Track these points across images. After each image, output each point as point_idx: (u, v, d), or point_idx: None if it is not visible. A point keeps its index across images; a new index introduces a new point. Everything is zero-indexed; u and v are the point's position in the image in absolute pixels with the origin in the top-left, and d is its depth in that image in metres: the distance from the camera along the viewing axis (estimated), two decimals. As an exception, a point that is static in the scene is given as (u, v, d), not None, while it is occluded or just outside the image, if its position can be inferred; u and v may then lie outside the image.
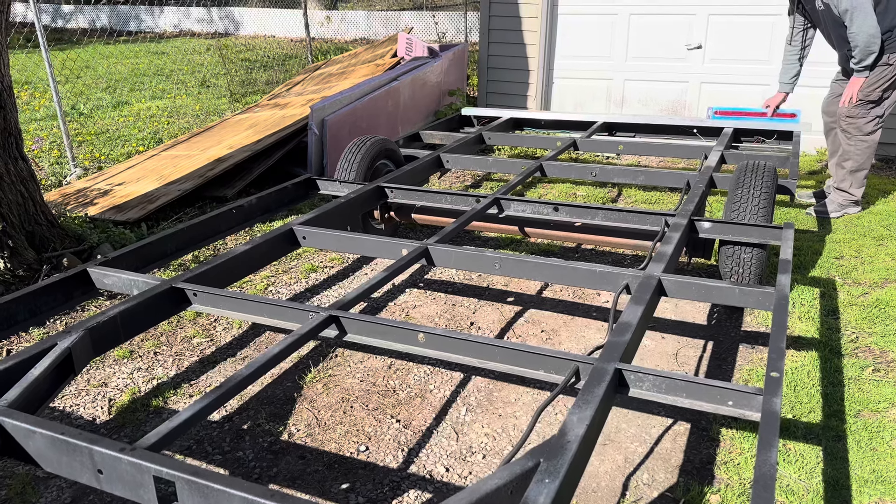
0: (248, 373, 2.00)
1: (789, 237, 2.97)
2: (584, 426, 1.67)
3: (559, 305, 3.65)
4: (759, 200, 3.33)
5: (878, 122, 4.64)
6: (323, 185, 4.04)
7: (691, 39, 6.85)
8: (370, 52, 8.06)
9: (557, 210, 3.52)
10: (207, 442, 2.57)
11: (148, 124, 7.59)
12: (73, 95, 9.14)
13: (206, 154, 5.44)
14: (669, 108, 7.15)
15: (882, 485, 2.31)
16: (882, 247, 4.32)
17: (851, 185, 4.84)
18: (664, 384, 1.94)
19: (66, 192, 5.08)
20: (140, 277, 2.64)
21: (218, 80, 10.07)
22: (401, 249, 2.98)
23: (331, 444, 2.56)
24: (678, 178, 4.06)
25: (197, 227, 3.30)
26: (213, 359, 3.16)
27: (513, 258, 2.85)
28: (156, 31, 16.40)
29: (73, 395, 2.88)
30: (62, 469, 1.69)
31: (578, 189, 5.63)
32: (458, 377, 2.98)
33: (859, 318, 3.45)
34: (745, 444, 2.53)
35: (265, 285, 3.90)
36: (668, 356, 3.15)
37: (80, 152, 6.40)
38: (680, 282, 2.58)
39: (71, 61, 11.33)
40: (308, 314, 2.37)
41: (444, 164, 4.53)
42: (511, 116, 5.79)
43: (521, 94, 7.62)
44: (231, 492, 1.48)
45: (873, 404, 2.75)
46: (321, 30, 14.14)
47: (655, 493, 2.30)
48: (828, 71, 5.18)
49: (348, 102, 5.66)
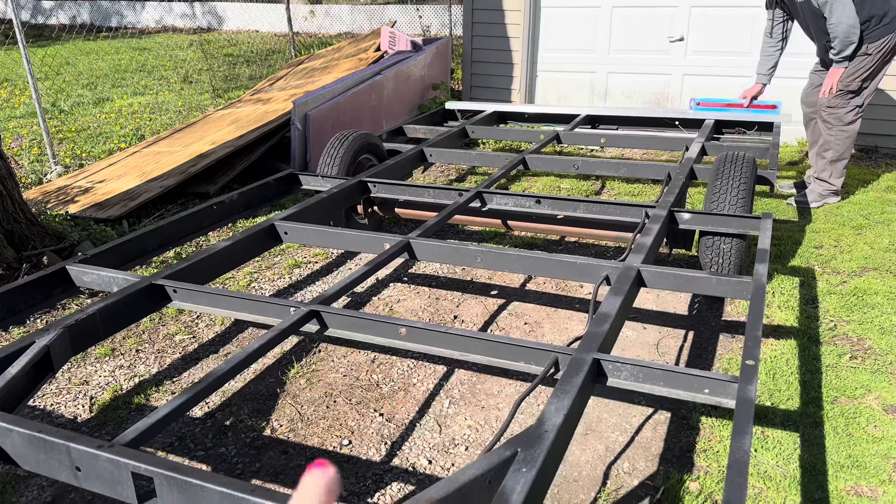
0: (228, 368, 2.00)
1: (768, 227, 3.00)
2: (561, 416, 1.69)
3: (542, 298, 3.67)
4: (738, 191, 3.36)
5: (858, 112, 4.68)
6: (305, 180, 4.03)
7: (673, 32, 6.88)
8: (353, 46, 8.04)
9: (540, 203, 3.53)
10: (189, 438, 2.57)
11: (129, 121, 7.54)
12: (53, 92, 9.05)
13: (189, 150, 5.41)
14: (652, 101, 7.18)
15: (858, 469, 2.35)
16: (861, 236, 4.37)
17: (831, 175, 4.88)
18: (642, 373, 1.96)
19: (47, 189, 5.04)
20: (120, 274, 2.62)
21: (200, 75, 10.00)
22: (383, 244, 2.99)
23: (314, 439, 2.56)
24: (659, 169, 4.09)
25: (178, 223, 3.29)
26: (195, 355, 3.16)
27: (495, 251, 2.86)
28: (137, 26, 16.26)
29: (54, 394, 2.87)
30: (40, 467, 1.69)
31: (562, 182, 5.65)
32: (441, 370, 2.99)
33: (838, 306, 3.49)
34: (724, 432, 2.56)
35: (248, 281, 3.90)
36: (650, 346, 3.18)
37: (61, 150, 6.35)
38: (659, 272, 2.60)
39: (51, 58, 11.22)
40: (289, 309, 2.37)
41: (428, 158, 4.53)
42: (495, 110, 5.80)
43: (505, 87, 7.62)
44: (210, 487, 1.48)
45: (850, 391, 2.79)
46: (305, 24, 14.08)
47: (636, 482, 2.33)
48: (807, 62, 5.23)
49: (331, 97, 5.65)
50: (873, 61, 4.47)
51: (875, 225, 4.55)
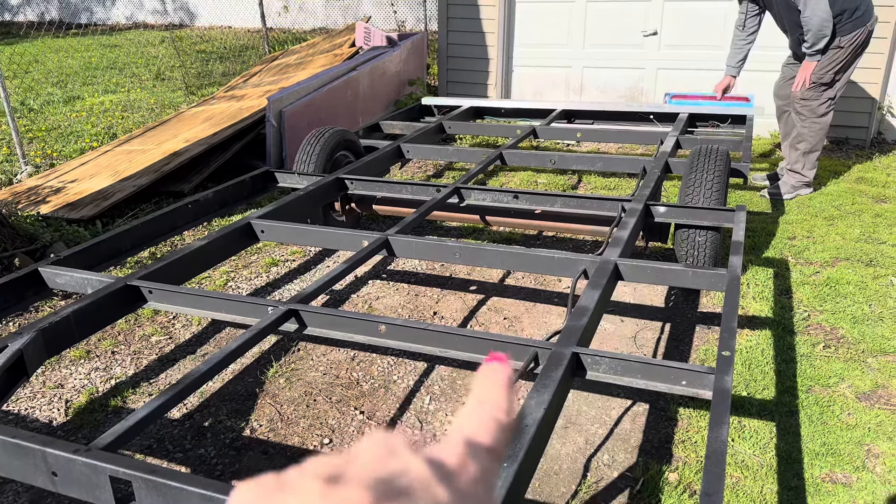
0: (206, 369, 1.98)
1: (742, 219, 3.04)
2: (541, 410, 1.70)
3: (521, 292, 3.69)
4: (712, 184, 3.39)
5: (831, 105, 4.77)
6: (282, 177, 4.00)
7: (647, 26, 6.92)
8: (328, 41, 7.99)
9: (517, 198, 3.54)
10: (168, 440, 2.54)
11: (101, 119, 7.42)
12: (22, 91, 8.88)
13: (162, 148, 5.34)
14: (627, 95, 7.23)
15: (832, 457, 2.39)
16: (833, 227, 4.45)
17: (804, 167, 4.96)
18: (620, 366, 1.98)
19: (17, 190, 4.94)
20: (94, 276, 2.59)
21: (173, 72, 9.87)
22: (361, 241, 2.98)
23: (294, 438, 2.55)
24: (635, 163, 4.12)
25: (153, 222, 3.25)
26: (172, 357, 3.12)
27: (473, 247, 2.86)
28: (108, 23, 15.99)
29: (29, 398, 2.82)
30: (15, 473, 1.66)
31: (539, 177, 5.67)
32: (421, 367, 2.99)
33: (811, 296, 3.55)
34: (701, 422, 2.59)
35: (224, 280, 3.86)
36: (627, 339, 3.21)
37: (31, 149, 6.23)
38: (636, 266, 2.63)
39: (19, 56, 11.00)
40: (267, 308, 2.35)
41: (405, 155, 4.52)
42: (471, 105, 5.80)
43: (481, 82, 7.62)
44: (190, 489, 1.47)
45: (824, 380, 2.84)
46: (279, 20, 13.94)
47: (615, 474, 2.35)
48: (778, 56, 5.30)
49: (307, 93, 5.61)
50: (845, 54, 4.54)
51: (846, 216, 4.63)
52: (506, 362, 0.46)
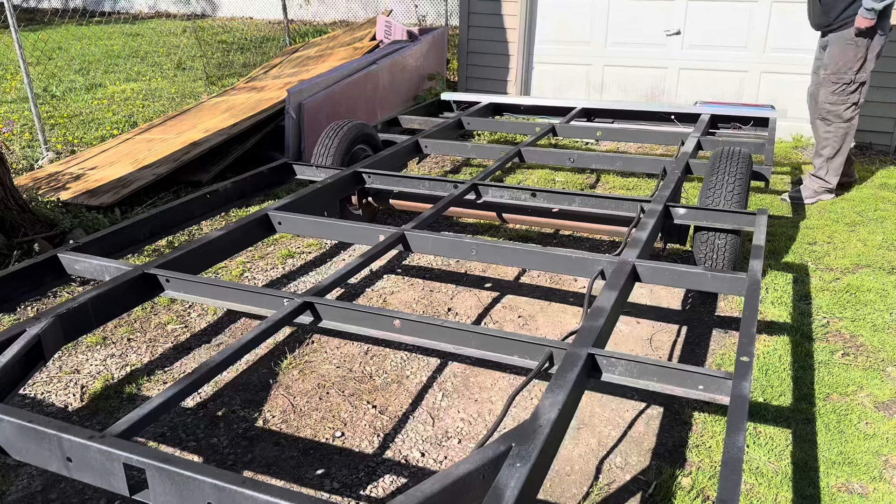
0: (221, 359, 1.99)
1: (763, 223, 3.00)
2: (556, 410, 1.68)
3: (536, 291, 3.67)
4: (733, 187, 3.35)
5: (855, 109, 4.73)
6: (300, 169, 4.00)
7: (670, 25, 6.86)
8: (349, 34, 7.99)
9: (535, 196, 3.52)
10: (181, 429, 2.56)
11: (122, 107, 7.47)
12: (45, 77, 8.96)
13: (182, 138, 5.36)
14: (648, 94, 7.17)
15: (849, 466, 2.36)
16: (854, 233, 4.39)
17: (828, 173, 4.91)
18: (636, 369, 1.96)
19: (38, 176, 4.99)
20: (112, 263, 2.60)
21: (194, 62, 9.92)
22: (377, 235, 2.97)
23: (306, 431, 2.55)
24: (655, 164, 4.08)
25: (171, 211, 3.26)
26: (187, 345, 3.14)
27: (490, 244, 2.85)
28: (131, 11, 16.11)
29: (45, 383, 2.85)
30: (30, 457, 1.67)
31: (557, 175, 5.64)
32: (434, 363, 2.99)
33: (831, 302, 3.50)
34: (716, 427, 2.56)
35: (241, 271, 3.87)
36: (643, 341, 3.18)
37: (53, 136, 6.29)
38: (654, 267, 2.60)
39: (42, 42, 11.10)
40: (283, 300, 2.36)
41: (423, 150, 4.51)
42: (490, 101, 5.77)
43: (500, 78, 7.59)
44: (202, 478, 1.47)
45: (842, 387, 2.80)
46: (300, 12, 13.98)
47: (628, 476, 2.33)
48: (804, 59, 5.23)
49: (326, 86, 5.61)
50: (862, 50, 4.53)
51: (868, 222, 4.56)
52: None
